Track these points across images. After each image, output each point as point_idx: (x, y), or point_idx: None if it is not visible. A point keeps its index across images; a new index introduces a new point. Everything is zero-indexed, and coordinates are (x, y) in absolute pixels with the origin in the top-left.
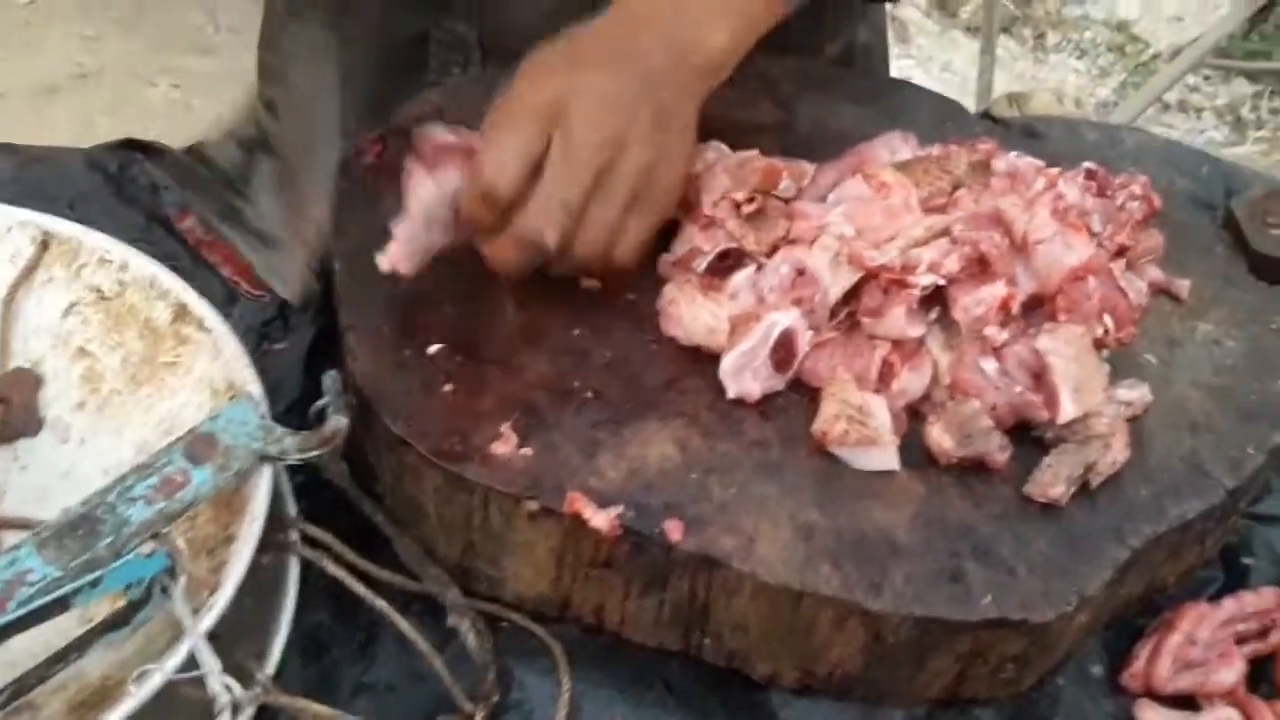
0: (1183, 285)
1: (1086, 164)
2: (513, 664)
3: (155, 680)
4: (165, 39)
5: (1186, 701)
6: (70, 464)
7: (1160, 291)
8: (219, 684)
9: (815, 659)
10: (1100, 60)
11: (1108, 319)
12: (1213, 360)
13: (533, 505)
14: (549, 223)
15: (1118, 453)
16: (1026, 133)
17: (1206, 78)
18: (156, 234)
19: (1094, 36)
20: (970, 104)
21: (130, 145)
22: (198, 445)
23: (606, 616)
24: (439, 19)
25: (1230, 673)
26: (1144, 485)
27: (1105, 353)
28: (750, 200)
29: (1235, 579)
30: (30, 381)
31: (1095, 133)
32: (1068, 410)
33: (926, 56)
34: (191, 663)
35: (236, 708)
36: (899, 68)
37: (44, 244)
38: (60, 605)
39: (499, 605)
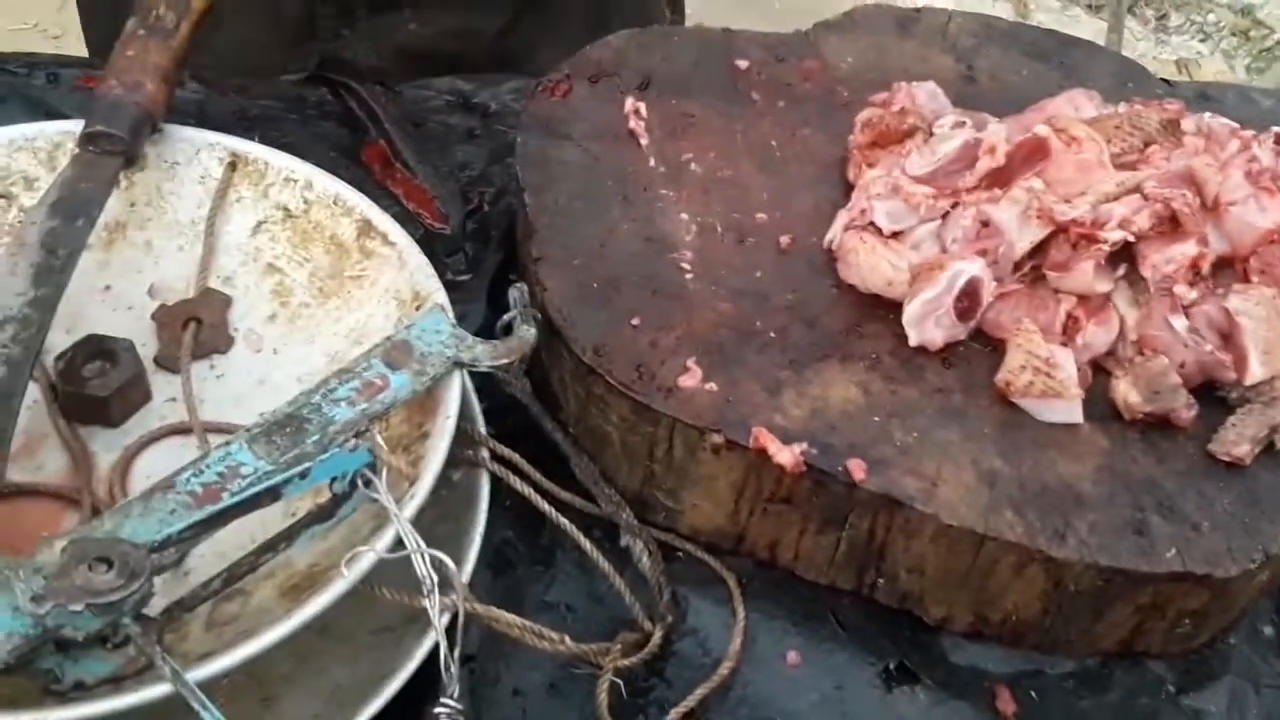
0: None
1: (1276, 129)
2: (688, 593)
3: (366, 560)
4: None
5: None
6: (264, 372)
7: None
8: (425, 565)
9: (991, 604)
10: (1223, 44)
11: None
12: None
13: (718, 438)
14: None
15: None
16: (1201, 97)
17: None
18: (341, 164)
19: (1217, 19)
20: None
21: (317, 78)
22: (395, 352)
23: (780, 552)
24: None
25: None
26: None
27: None
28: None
29: None
30: (220, 302)
31: (1270, 100)
32: (1256, 372)
33: None
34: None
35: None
36: None
37: (232, 165)
38: (271, 495)
39: (674, 535)
